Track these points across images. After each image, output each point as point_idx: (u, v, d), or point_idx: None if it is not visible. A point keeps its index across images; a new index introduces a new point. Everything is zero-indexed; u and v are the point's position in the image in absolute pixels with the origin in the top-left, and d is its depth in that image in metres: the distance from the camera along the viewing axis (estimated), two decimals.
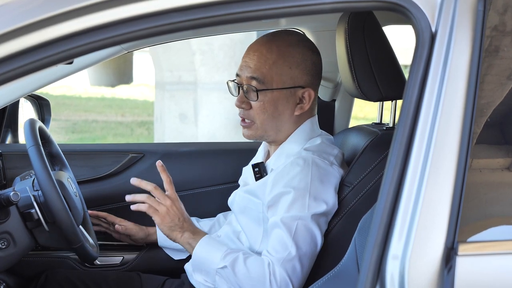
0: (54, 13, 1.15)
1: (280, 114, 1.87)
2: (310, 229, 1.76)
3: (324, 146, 1.90)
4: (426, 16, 1.24)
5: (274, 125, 1.87)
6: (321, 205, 1.78)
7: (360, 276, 1.21)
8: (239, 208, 1.95)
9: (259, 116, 1.85)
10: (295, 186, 1.77)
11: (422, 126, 1.22)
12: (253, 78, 1.83)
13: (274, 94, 1.84)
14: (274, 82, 1.84)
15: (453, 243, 1.19)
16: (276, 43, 1.86)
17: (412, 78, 1.24)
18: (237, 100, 1.87)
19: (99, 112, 11.41)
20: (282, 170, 1.82)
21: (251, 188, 1.92)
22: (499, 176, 1.33)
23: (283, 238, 1.73)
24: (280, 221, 1.75)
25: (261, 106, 1.85)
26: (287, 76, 1.85)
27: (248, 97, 1.85)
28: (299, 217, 1.75)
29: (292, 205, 1.75)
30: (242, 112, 1.88)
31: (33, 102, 2.61)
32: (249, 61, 1.85)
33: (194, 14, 1.18)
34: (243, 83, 1.86)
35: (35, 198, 1.80)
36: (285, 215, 1.75)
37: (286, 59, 1.84)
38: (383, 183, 1.22)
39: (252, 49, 1.88)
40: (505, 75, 1.31)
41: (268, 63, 1.83)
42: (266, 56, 1.84)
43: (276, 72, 1.84)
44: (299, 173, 1.78)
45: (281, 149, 1.91)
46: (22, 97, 2.43)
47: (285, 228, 1.74)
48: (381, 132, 1.98)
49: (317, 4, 1.22)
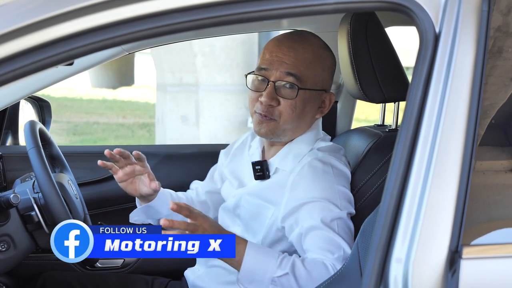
0: (54, 14, 1.14)
1: (305, 115, 1.82)
2: (348, 225, 1.73)
3: (334, 146, 1.89)
4: (429, 16, 1.23)
5: (295, 125, 1.82)
6: (350, 204, 1.78)
7: (364, 279, 1.19)
8: (250, 214, 1.87)
9: (286, 114, 1.78)
10: (322, 190, 1.73)
11: (426, 128, 1.21)
12: (290, 74, 1.76)
13: (306, 94, 1.79)
14: (309, 82, 1.78)
15: (457, 246, 1.18)
16: (311, 43, 1.81)
17: (416, 79, 1.23)
18: (266, 95, 1.76)
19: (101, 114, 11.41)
20: (300, 174, 1.77)
21: (259, 191, 1.85)
22: (502, 178, 1.32)
23: (331, 237, 1.68)
24: (318, 225, 1.69)
25: (292, 104, 1.77)
26: (319, 78, 1.81)
27: (281, 93, 1.77)
28: (337, 217, 1.71)
29: (325, 209, 1.71)
30: (265, 108, 1.78)
31: (34, 104, 2.61)
32: (284, 57, 1.77)
33: (196, 15, 1.17)
34: (272, 79, 1.77)
35: (35, 201, 1.80)
36: (321, 217, 1.70)
37: (320, 61, 1.81)
38: (387, 185, 1.21)
39: (285, 45, 1.79)
40: (508, 76, 1.30)
41: (305, 62, 1.78)
42: (303, 55, 1.78)
43: (312, 72, 1.79)
44: (322, 176, 1.75)
45: (288, 149, 1.86)
46: (22, 99, 2.42)
47: (329, 228, 1.69)
48: (383, 134, 1.97)
49: (320, 5, 1.21)
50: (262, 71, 1.80)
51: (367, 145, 1.94)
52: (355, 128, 2.33)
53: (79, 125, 10.39)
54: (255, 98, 1.81)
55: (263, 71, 1.80)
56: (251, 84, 1.84)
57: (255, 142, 2.00)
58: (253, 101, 1.81)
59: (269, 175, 1.86)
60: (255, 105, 1.81)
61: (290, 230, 1.77)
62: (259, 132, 1.83)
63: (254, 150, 1.97)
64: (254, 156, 1.95)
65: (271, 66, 1.78)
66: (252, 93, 1.82)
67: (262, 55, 1.83)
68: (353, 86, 1.95)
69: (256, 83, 1.82)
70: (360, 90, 1.93)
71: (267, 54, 1.81)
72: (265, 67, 1.79)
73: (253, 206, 1.86)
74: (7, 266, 1.80)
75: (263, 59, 1.81)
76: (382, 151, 1.89)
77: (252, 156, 1.96)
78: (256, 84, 1.82)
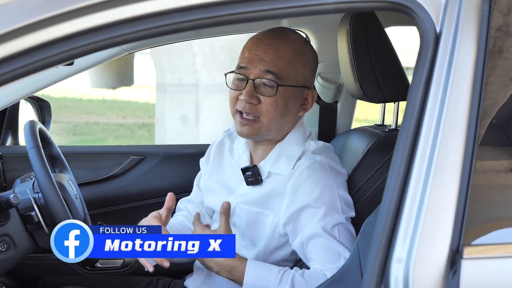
0: (54, 13, 1.14)
1: (287, 113, 1.79)
2: (348, 229, 1.73)
3: (326, 146, 1.88)
4: (430, 16, 1.23)
5: (279, 124, 1.80)
6: (350, 207, 1.77)
7: (364, 279, 1.19)
8: (246, 222, 1.85)
9: (268, 112, 1.76)
10: (323, 195, 1.72)
11: (426, 128, 1.21)
12: (269, 72, 1.74)
13: (287, 91, 1.77)
14: (289, 79, 1.76)
15: (458, 246, 1.18)
16: (290, 40, 1.80)
17: (417, 79, 1.23)
18: (246, 94, 1.74)
19: (100, 114, 11.41)
20: (299, 179, 1.75)
21: (255, 199, 1.83)
22: (503, 178, 1.32)
23: (332, 246, 1.69)
24: (319, 232, 1.69)
25: (273, 101, 1.75)
26: (301, 74, 1.79)
27: (260, 91, 1.75)
28: (338, 222, 1.71)
29: (327, 214, 1.71)
30: (247, 107, 1.75)
31: (34, 104, 2.61)
32: (263, 55, 1.76)
33: (195, 15, 1.17)
34: (252, 77, 1.76)
35: (35, 201, 1.80)
36: (321, 224, 1.70)
37: (301, 57, 1.79)
38: (387, 185, 1.21)
39: (264, 42, 1.78)
40: (509, 76, 1.30)
41: (285, 59, 1.76)
42: (282, 52, 1.76)
43: (292, 69, 1.77)
44: (323, 181, 1.74)
45: (279, 151, 1.83)
46: (22, 99, 2.42)
47: (330, 236, 1.69)
48: (383, 134, 1.97)
49: (320, 5, 1.21)
50: (242, 70, 1.78)
51: (367, 145, 1.94)
52: (355, 128, 2.33)
53: (78, 125, 10.38)
54: (235, 97, 1.79)
55: (243, 69, 1.78)
56: (231, 83, 1.82)
57: (239, 144, 1.96)
58: (234, 100, 1.79)
59: (261, 179, 1.83)
60: (236, 103, 1.78)
61: (293, 236, 1.76)
62: (241, 133, 1.80)
63: (241, 154, 1.92)
64: (242, 160, 1.91)
65: (250, 64, 1.76)
66: (232, 92, 1.80)
67: (242, 54, 1.81)
68: (352, 86, 1.95)
69: (236, 82, 1.80)
70: (359, 90, 1.93)
71: (246, 52, 1.79)
72: (244, 66, 1.77)
73: (249, 214, 1.83)
74: (7, 266, 1.80)
75: (242, 58, 1.79)
76: (382, 151, 1.88)
77: (240, 160, 1.92)
78: (236, 83, 1.80)
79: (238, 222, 1.87)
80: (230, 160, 1.95)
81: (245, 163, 1.88)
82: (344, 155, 2.06)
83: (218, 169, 1.97)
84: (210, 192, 1.99)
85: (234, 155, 1.95)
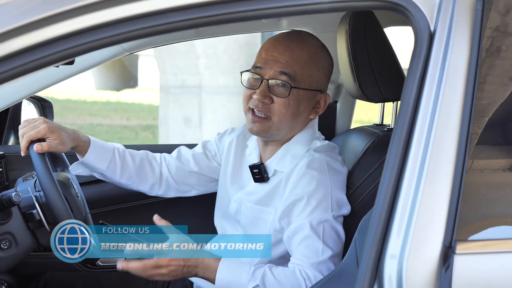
0: (53, 13, 1.15)
1: (299, 115, 1.83)
2: (335, 228, 1.74)
3: (329, 145, 1.90)
4: (425, 15, 1.24)
5: (290, 124, 1.84)
6: (342, 207, 1.78)
7: (358, 275, 1.20)
8: (249, 220, 1.89)
9: (280, 113, 1.80)
10: (316, 191, 1.74)
11: (420, 126, 1.22)
12: (283, 73, 1.78)
13: (300, 94, 1.80)
14: (303, 81, 1.80)
15: (451, 242, 1.19)
16: (307, 43, 1.83)
17: (410, 78, 1.24)
18: (259, 93, 1.78)
19: (104, 116, 11.43)
20: (297, 175, 1.78)
21: (260, 197, 1.87)
22: (500, 176, 1.33)
23: (312, 243, 1.70)
24: (304, 226, 1.72)
25: (285, 102, 1.79)
26: (315, 78, 1.83)
27: (274, 92, 1.79)
28: (324, 219, 1.73)
29: (315, 210, 1.73)
30: (260, 105, 1.79)
31: (36, 103, 2.62)
32: (279, 56, 1.80)
33: (192, 14, 1.18)
34: (266, 77, 1.79)
35: (36, 199, 1.81)
36: (309, 219, 1.72)
37: (316, 61, 1.82)
38: (382, 182, 1.22)
39: (281, 44, 1.81)
40: (507, 76, 1.31)
41: (300, 62, 1.79)
42: (298, 55, 1.80)
43: (306, 72, 1.80)
44: (318, 178, 1.76)
45: (285, 150, 1.88)
46: (24, 99, 2.44)
47: (313, 233, 1.71)
48: (382, 134, 1.98)
49: (315, 4, 1.22)
50: (257, 69, 1.82)
51: (366, 144, 1.95)
52: (354, 128, 2.34)
53: (83, 127, 10.40)
54: (249, 96, 1.83)
55: (258, 69, 1.82)
56: (246, 82, 1.86)
57: (251, 141, 2.01)
58: (247, 98, 1.83)
59: (268, 177, 1.88)
60: (249, 101, 1.82)
61: (285, 230, 1.78)
62: (251, 130, 1.84)
63: (252, 151, 1.98)
64: (252, 158, 1.96)
65: (266, 64, 1.80)
66: (246, 90, 1.84)
67: (259, 54, 1.84)
68: (351, 86, 1.96)
69: (251, 81, 1.84)
70: (358, 89, 1.94)
71: (263, 53, 1.82)
72: (260, 66, 1.81)
73: (253, 211, 1.87)
74: (8, 264, 1.81)
75: (259, 58, 1.83)
76: (380, 150, 1.89)
77: (250, 156, 1.97)
78: (251, 81, 1.84)
79: (242, 220, 1.91)
80: (244, 157, 2.01)
81: (254, 161, 1.93)
82: (343, 154, 2.07)
83: (235, 162, 2.01)
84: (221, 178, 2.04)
85: (247, 151, 2.00)
